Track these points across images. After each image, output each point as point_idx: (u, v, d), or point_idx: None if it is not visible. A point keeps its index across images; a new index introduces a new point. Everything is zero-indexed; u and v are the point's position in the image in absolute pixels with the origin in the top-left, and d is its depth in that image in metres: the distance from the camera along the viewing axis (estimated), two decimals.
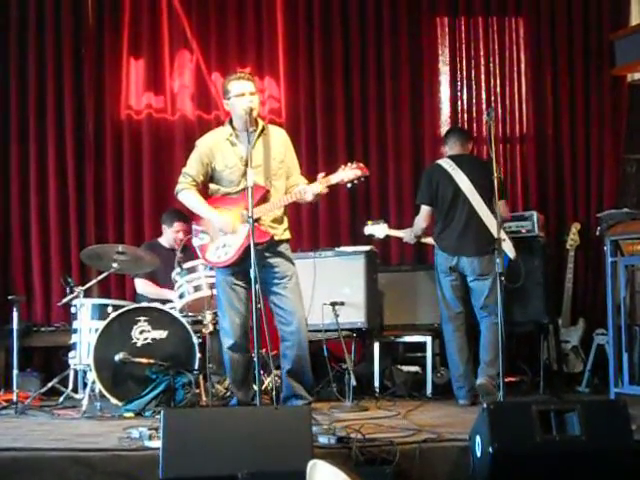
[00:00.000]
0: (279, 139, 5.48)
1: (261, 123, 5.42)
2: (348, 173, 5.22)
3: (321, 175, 5.25)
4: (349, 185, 5.28)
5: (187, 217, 6.90)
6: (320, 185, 5.21)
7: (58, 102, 7.97)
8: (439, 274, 6.36)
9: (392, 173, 8.15)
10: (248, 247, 4.98)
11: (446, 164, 6.36)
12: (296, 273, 5.42)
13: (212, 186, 5.49)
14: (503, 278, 5.04)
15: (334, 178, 5.23)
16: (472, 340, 6.33)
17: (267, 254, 5.26)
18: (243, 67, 7.68)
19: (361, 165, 5.27)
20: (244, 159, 5.23)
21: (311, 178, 5.38)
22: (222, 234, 5.34)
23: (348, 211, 8.08)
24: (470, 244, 6.20)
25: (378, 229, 6.75)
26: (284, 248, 5.42)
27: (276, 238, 5.34)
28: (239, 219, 5.28)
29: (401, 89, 8.20)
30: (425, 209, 6.42)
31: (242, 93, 5.25)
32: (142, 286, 7.01)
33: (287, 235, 5.49)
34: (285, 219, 5.50)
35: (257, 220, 5.14)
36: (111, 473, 4.04)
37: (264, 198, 5.24)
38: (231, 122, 5.45)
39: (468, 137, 6.67)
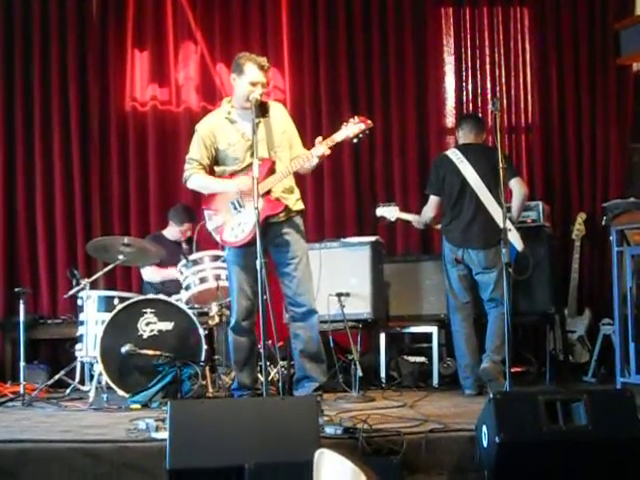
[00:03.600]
0: (278, 111, 5.46)
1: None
2: (352, 128, 5.16)
3: (318, 139, 5.19)
4: (355, 140, 5.22)
5: (195, 216, 6.94)
6: (323, 146, 5.14)
7: (63, 95, 7.98)
8: (446, 265, 6.35)
9: (397, 163, 8.15)
10: (265, 220, 4.96)
11: (453, 155, 6.33)
12: (307, 253, 5.43)
13: (218, 169, 5.47)
14: (511, 270, 5.01)
15: (339, 136, 5.17)
16: (479, 330, 6.33)
17: (284, 230, 5.29)
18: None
19: (363, 118, 5.22)
20: (246, 134, 5.24)
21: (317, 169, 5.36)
22: (235, 212, 5.32)
23: (353, 202, 8.08)
24: (476, 237, 6.18)
25: (389, 211, 6.72)
26: (297, 220, 5.41)
27: (289, 208, 5.34)
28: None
29: (406, 79, 8.19)
30: (433, 199, 6.41)
31: (256, 82, 5.22)
32: (149, 273, 7.04)
33: (300, 205, 5.47)
34: (296, 189, 5.47)
35: (268, 192, 5.15)
36: (118, 464, 4.04)
37: (271, 170, 5.22)
38: (229, 100, 5.45)
39: (484, 126, 6.56)
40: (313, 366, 5.38)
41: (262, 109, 5.32)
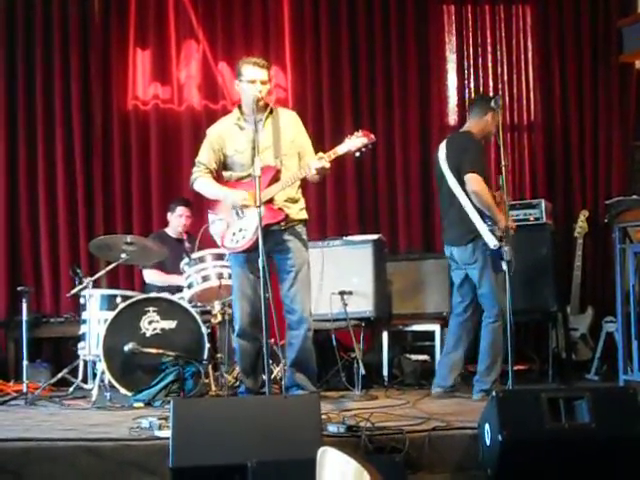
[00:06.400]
0: (289, 120, 5.45)
1: (269, 107, 5.39)
2: (355, 142, 5.13)
3: (319, 155, 5.15)
4: (357, 154, 5.19)
5: (189, 202, 6.98)
6: (321, 160, 5.09)
7: (65, 93, 7.98)
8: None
9: (400, 162, 8.14)
10: (267, 227, 4.95)
11: (440, 147, 6.00)
12: (308, 262, 5.42)
13: (225, 173, 5.49)
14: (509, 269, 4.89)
15: (341, 149, 5.14)
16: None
17: (285, 237, 5.28)
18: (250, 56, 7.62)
19: (367, 132, 5.19)
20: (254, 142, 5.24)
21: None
22: (237, 218, 5.32)
23: (356, 200, 8.07)
24: (452, 233, 5.87)
25: None
26: (300, 229, 5.39)
27: (291, 217, 5.32)
28: (253, 198, 5.23)
29: (408, 77, 8.18)
30: None
31: (253, 80, 5.22)
32: (150, 275, 7.03)
33: (303, 215, 5.44)
34: (301, 199, 5.46)
35: (270, 200, 5.15)
36: (121, 463, 4.05)
37: (275, 178, 5.22)
38: (240, 106, 5.46)
39: (482, 107, 5.83)
40: (302, 377, 5.37)
41: (268, 110, 5.34)
